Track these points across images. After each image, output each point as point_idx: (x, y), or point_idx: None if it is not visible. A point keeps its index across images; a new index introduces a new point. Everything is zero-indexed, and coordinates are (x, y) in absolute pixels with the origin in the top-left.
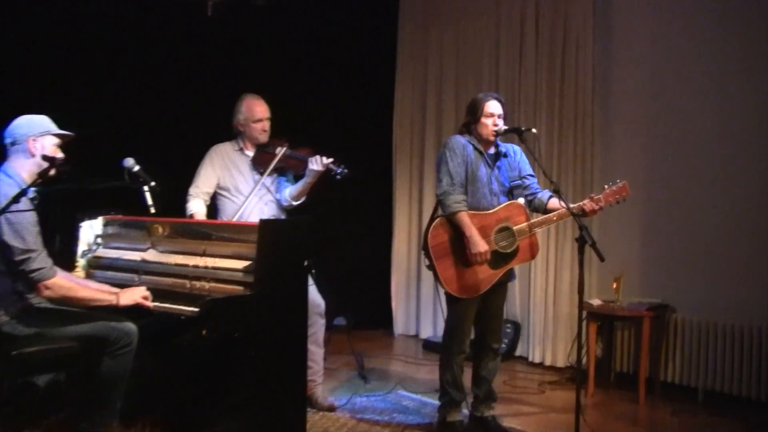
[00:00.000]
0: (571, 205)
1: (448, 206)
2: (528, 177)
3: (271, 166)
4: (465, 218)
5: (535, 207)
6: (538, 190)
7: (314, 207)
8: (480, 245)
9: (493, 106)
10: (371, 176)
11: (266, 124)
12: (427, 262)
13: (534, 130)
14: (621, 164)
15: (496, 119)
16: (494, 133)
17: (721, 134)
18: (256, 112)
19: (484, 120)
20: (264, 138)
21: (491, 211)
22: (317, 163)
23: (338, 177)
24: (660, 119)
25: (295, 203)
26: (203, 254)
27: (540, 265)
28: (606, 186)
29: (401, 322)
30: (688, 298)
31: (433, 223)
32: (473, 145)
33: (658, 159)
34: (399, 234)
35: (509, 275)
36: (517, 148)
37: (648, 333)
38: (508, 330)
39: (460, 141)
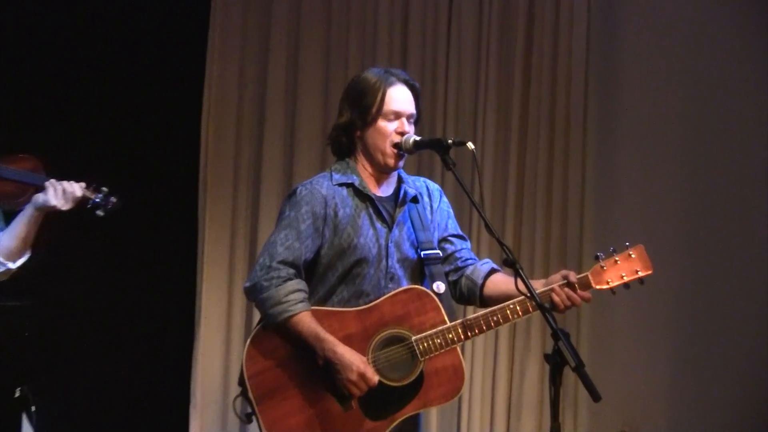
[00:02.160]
0: (538, 286)
1: (267, 310)
2: (454, 239)
3: None
4: (307, 323)
5: (465, 293)
6: (470, 261)
7: (48, 275)
8: (355, 364)
9: (401, 98)
10: (159, 214)
11: None
12: (248, 410)
13: (471, 146)
14: (632, 215)
15: (403, 124)
16: (395, 151)
17: None
18: None
19: (382, 124)
20: None
21: (367, 306)
22: (59, 195)
23: (100, 212)
24: (701, 136)
25: (12, 266)
26: None
27: (476, 403)
28: (600, 255)
29: None
30: None
31: (252, 336)
32: (352, 185)
33: (701, 208)
34: (206, 336)
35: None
36: (434, 186)
37: None
38: None
39: (318, 190)
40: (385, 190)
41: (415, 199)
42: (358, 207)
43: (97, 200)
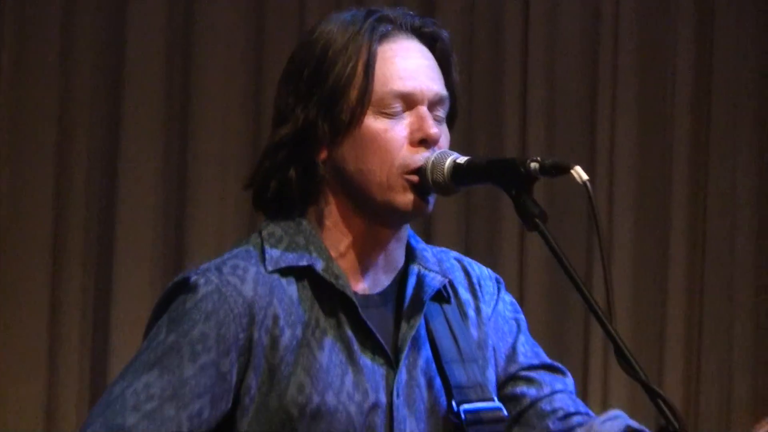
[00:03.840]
0: None
1: None
2: (534, 375)
3: None
4: None
5: None
6: (580, 419)
7: None
8: None
9: (411, 64)
10: None
11: None
12: None
13: (581, 174)
14: None
15: (425, 119)
16: (413, 181)
17: None
18: None
19: (376, 124)
20: None
21: None
22: None
23: None
24: None
25: None
26: None
27: None
28: None
29: None
30: None
31: None
32: (310, 271)
33: None
34: None
35: None
36: (481, 271)
37: None
38: None
39: (234, 287)
40: (376, 280)
41: (440, 297)
42: (320, 323)
43: None
